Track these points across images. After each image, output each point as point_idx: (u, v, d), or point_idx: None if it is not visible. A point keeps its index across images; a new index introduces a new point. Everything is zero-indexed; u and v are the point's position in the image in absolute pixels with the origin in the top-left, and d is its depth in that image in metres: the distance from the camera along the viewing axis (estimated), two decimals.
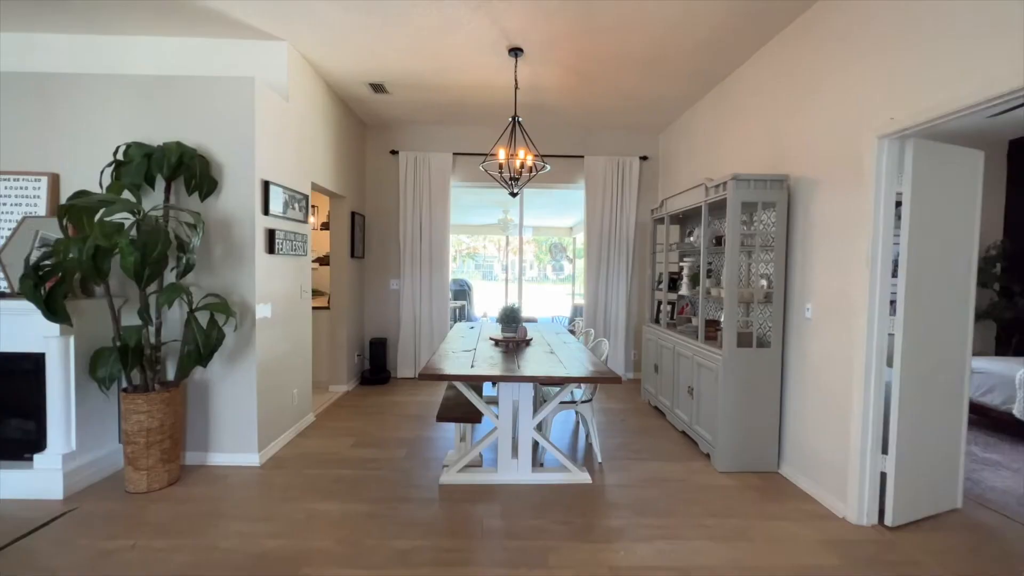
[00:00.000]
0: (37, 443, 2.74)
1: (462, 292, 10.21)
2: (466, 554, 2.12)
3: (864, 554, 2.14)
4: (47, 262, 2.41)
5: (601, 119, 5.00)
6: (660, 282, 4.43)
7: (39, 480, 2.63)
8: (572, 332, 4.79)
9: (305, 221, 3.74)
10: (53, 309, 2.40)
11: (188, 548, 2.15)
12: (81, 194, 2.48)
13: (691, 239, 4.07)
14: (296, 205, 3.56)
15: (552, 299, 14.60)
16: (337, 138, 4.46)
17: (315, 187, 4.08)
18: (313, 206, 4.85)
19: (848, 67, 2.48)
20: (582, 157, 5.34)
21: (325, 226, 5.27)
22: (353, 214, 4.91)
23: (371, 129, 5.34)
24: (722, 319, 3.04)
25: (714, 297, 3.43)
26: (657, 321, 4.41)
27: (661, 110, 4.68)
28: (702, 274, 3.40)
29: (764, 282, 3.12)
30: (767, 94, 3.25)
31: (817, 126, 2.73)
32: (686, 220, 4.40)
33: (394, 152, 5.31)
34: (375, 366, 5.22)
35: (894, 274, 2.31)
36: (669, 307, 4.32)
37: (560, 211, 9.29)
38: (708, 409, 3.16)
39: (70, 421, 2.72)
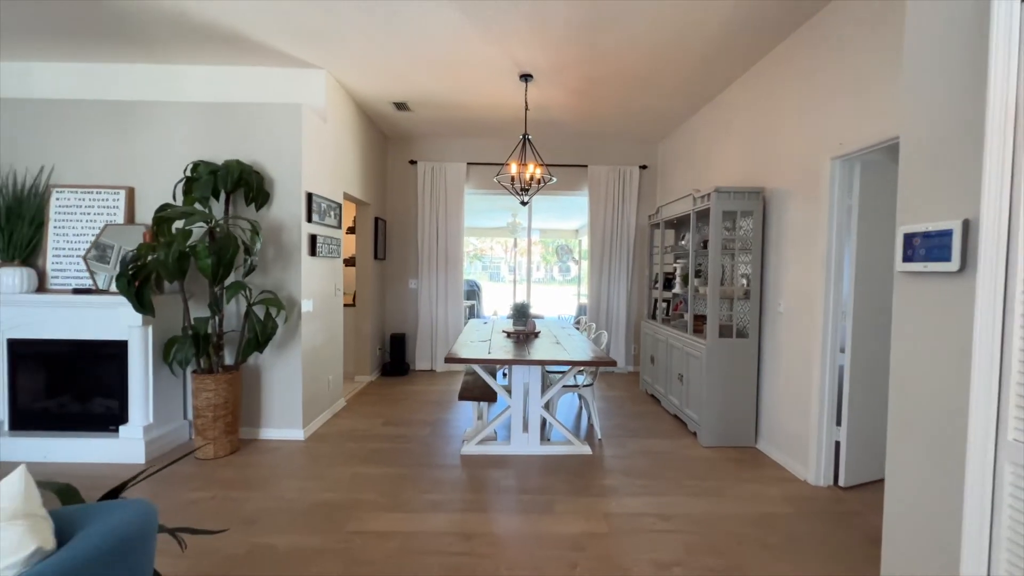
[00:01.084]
0: (120, 417, 3.24)
1: (472, 292, 10.67)
2: (486, 503, 2.58)
3: (815, 507, 2.57)
4: (134, 263, 2.90)
5: (604, 131, 5.44)
6: (657, 281, 4.86)
7: (124, 448, 3.12)
8: (577, 327, 5.22)
9: (339, 227, 4.22)
10: (142, 303, 2.89)
11: (258, 498, 2.63)
12: (165, 207, 2.97)
13: (683, 243, 4.49)
14: (331, 213, 4.04)
15: (559, 299, 15.00)
16: (363, 150, 4.94)
17: (345, 196, 4.56)
18: None
19: (810, 98, 2.90)
20: (586, 166, 5.78)
21: (350, 230, 5.75)
22: (376, 219, 5.39)
23: (392, 141, 5.82)
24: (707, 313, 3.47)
25: (702, 294, 3.85)
26: (654, 317, 4.84)
27: (659, 123, 5.11)
28: (690, 274, 3.83)
29: (744, 281, 3.54)
30: (748, 115, 3.67)
31: (787, 145, 3.16)
32: (679, 225, 4.82)
33: (413, 162, 5.79)
34: (395, 359, 5.69)
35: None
36: (665, 304, 4.76)
37: (566, 215, 9.72)
38: (695, 393, 3.59)
39: (148, 398, 3.21)
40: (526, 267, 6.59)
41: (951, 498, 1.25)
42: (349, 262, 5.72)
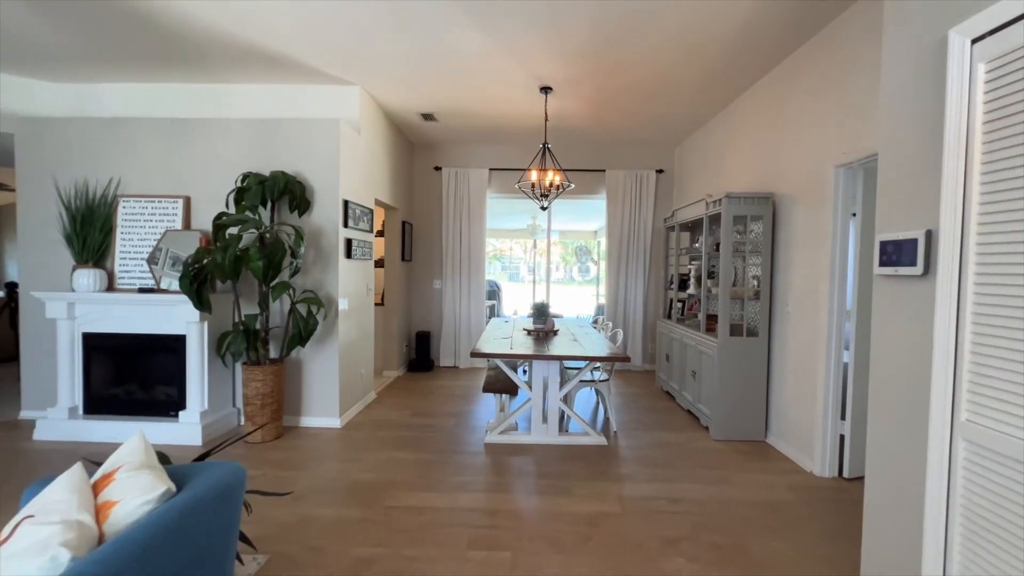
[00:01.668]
0: (179, 404, 3.60)
1: (492, 292, 10.93)
2: (508, 485, 2.82)
3: (819, 495, 2.72)
4: (194, 265, 3.24)
5: (620, 137, 5.62)
6: (672, 282, 5.02)
7: (184, 431, 3.47)
8: (594, 326, 5.42)
9: (370, 231, 4.52)
10: (202, 301, 3.23)
11: (304, 476, 2.92)
12: (222, 215, 3.30)
13: (697, 245, 4.65)
14: (364, 218, 4.35)
15: (578, 299, 15.14)
16: (392, 158, 5.24)
17: (376, 201, 4.86)
18: None
19: (815, 108, 3.05)
20: (603, 171, 5.97)
21: (379, 233, 6.07)
22: (403, 223, 5.69)
23: (418, 148, 6.12)
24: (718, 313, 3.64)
25: (715, 295, 4.01)
26: (669, 317, 5.00)
27: (674, 130, 5.27)
28: (703, 275, 4.00)
29: (755, 282, 3.69)
30: (758, 123, 3.82)
31: (794, 153, 3.30)
32: (694, 228, 4.97)
33: (438, 168, 6.08)
34: (420, 355, 5.98)
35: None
36: (680, 304, 4.91)
37: (585, 216, 9.89)
38: (707, 389, 3.76)
39: (204, 387, 3.56)
40: (545, 268, 6.81)
41: (918, 472, 1.43)
42: (378, 263, 6.04)
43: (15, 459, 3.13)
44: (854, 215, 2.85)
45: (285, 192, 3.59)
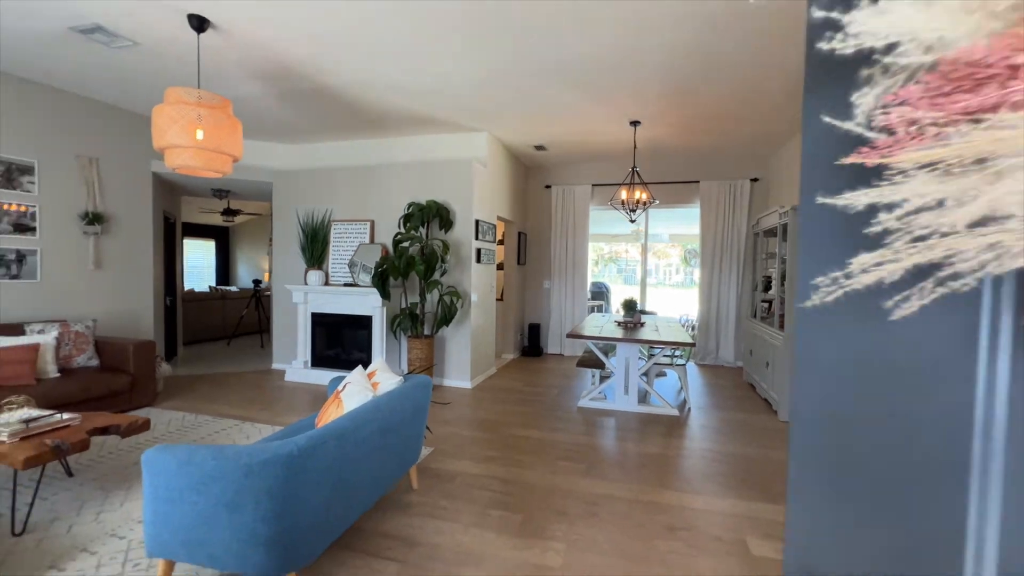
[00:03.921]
0: (367, 363, 5.22)
1: (600, 293, 11.70)
2: (592, 433, 3.78)
3: None
4: (380, 267, 4.79)
5: (711, 150, 6.14)
6: (757, 285, 5.44)
7: None
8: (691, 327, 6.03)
9: (494, 241, 5.80)
10: (385, 292, 4.76)
11: (449, 413, 4.22)
12: (398, 234, 4.82)
13: (776, 251, 5.03)
14: (489, 231, 5.63)
15: (690, 301, 15.04)
16: (510, 181, 6.49)
17: (498, 217, 6.14)
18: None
19: None
20: (698, 182, 6.52)
21: (500, 242, 7.39)
22: (519, 233, 6.92)
23: (531, 170, 7.32)
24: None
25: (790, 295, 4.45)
26: (755, 316, 5.43)
27: (765, 142, 5.66)
28: (777, 278, 4.47)
29: None
30: None
31: None
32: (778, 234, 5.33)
33: (548, 186, 7.20)
34: (531, 343, 7.15)
35: None
36: (766, 305, 5.32)
37: (693, 221, 10.20)
38: (776, 375, 4.26)
39: (383, 351, 5.13)
40: (656, 270, 7.50)
41: None
42: (499, 267, 7.36)
43: (283, 389, 4.98)
44: None
45: (436, 215, 5.00)
